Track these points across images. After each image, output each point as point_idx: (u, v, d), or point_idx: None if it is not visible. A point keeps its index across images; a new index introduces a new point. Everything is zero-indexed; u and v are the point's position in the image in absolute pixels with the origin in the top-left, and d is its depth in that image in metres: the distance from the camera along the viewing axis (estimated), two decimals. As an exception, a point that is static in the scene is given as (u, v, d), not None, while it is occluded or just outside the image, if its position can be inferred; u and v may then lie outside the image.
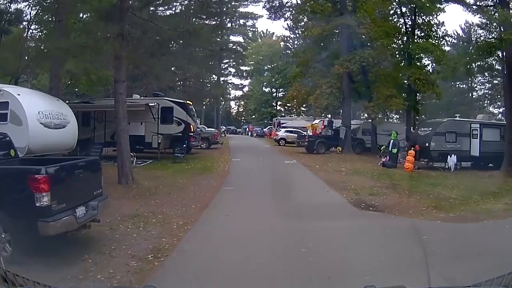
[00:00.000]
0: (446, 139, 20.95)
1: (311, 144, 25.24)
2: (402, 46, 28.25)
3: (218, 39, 39.79)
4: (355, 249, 6.34)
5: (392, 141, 20.20)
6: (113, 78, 13.29)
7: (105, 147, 21.13)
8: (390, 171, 17.87)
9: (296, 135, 31.33)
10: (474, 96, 57.42)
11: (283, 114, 61.27)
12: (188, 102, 21.90)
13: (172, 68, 28.07)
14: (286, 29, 60.90)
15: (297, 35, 53.81)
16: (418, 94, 29.01)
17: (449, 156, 19.97)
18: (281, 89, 63.69)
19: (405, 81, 28.43)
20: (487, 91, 54.52)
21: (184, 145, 19.99)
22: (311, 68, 28.14)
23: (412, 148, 20.40)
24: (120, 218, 8.04)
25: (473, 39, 32.62)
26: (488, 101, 54.43)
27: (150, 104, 20.58)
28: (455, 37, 42.13)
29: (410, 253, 5.96)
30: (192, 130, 21.02)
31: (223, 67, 73.54)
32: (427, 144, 20.60)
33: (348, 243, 6.68)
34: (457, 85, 56.90)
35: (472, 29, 39.64)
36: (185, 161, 19.47)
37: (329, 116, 51.77)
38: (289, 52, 62.03)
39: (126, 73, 13.37)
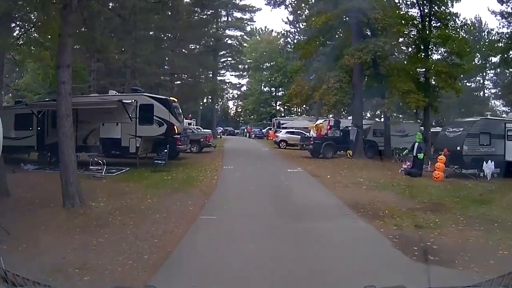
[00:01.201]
0: (479, 141, 17.52)
1: (317, 147, 21.78)
2: (418, 35, 24.70)
3: (212, 31, 36.39)
4: None
5: (417, 144, 16.69)
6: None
7: (77, 152, 17.60)
8: (417, 182, 14.50)
9: (299, 136, 27.85)
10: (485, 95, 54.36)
11: (282, 114, 58.02)
12: (172, 98, 18.41)
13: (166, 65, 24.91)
14: (286, 23, 57.52)
15: (298, 29, 50.63)
16: (436, 90, 25.47)
17: (484, 162, 16.51)
18: (280, 88, 60.43)
19: (421, 75, 25.09)
20: (494, 89, 51.90)
21: (166, 150, 16.50)
22: (315, 61, 24.72)
23: (440, 152, 16.96)
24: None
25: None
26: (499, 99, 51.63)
27: (125, 101, 17.10)
28: (473, 27, 38.31)
29: None
30: (176, 131, 17.53)
31: (220, 66, 70.78)
32: (458, 148, 17.14)
33: None
34: (466, 83, 53.46)
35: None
36: (167, 169, 16.13)
37: (331, 116, 48.56)
38: (289, 47, 58.97)
39: (72, 56, 9.91)
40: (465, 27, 26.87)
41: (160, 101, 17.54)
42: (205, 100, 55.48)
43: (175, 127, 17.31)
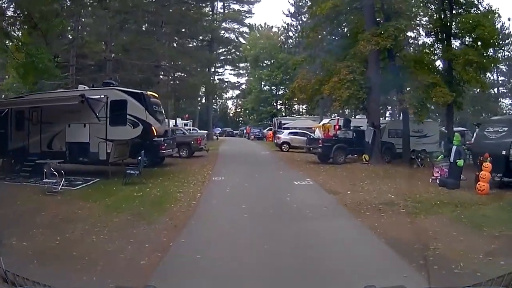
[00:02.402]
0: (526, 144, 14.18)
1: (326, 151, 18.44)
2: (440, 21, 21.31)
3: (207, 24, 33.03)
4: None
5: (455, 148, 13.27)
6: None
7: (42, 158, 14.40)
8: (460, 197, 11.18)
9: (305, 138, 24.52)
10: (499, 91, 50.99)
11: (283, 114, 54.70)
12: (150, 93, 15.10)
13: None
14: (287, 15, 54.14)
15: (300, 22, 47.43)
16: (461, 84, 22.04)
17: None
18: (281, 87, 57.11)
19: (442, 68, 21.82)
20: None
21: (140, 158, 13.20)
22: (322, 51, 21.38)
23: (482, 158, 13.61)
24: None
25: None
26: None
27: (90, 97, 13.82)
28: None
29: None
30: (154, 133, 14.22)
31: (219, 65, 67.55)
32: (503, 152, 13.80)
33: None
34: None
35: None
36: (143, 180, 12.88)
37: (335, 115, 45.04)
38: (291, 41, 55.71)
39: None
40: (490, 14, 23.43)
41: (135, 96, 14.22)
42: (203, 101, 52.42)
43: (153, 128, 14.00)
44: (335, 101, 17.57)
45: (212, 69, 64.52)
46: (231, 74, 69.85)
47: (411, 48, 23.63)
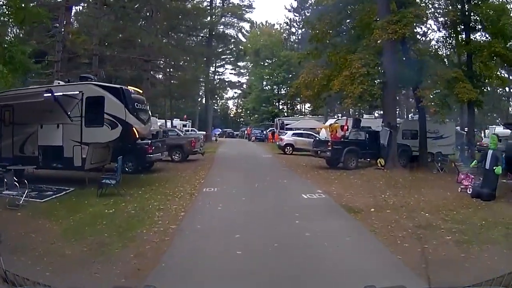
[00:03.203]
0: None
1: (336, 154, 16.29)
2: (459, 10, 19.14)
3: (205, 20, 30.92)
4: None
5: (490, 152, 11.09)
6: None
7: (15, 163, 12.38)
8: (506, 212, 9.03)
9: (310, 140, 22.38)
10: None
11: (285, 114, 52.56)
12: (132, 88, 12.94)
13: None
14: (289, 10, 51.93)
15: (303, 17, 45.35)
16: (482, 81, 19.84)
17: None
18: (283, 86, 54.96)
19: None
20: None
21: (118, 165, 11.09)
22: (329, 44, 19.22)
23: None
24: None
25: None
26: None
27: (62, 93, 11.74)
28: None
29: None
30: (136, 135, 12.09)
31: (219, 64, 65.45)
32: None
33: None
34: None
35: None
36: (122, 190, 10.84)
37: (338, 115, 42.82)
38: (294, 38, 53.63)
39: None
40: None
41: (113, 92, 12.07)
42: (203, 101, 50.42)
43: (134, 129, 11.85)
44: (347, 98, 15.39)
45: (212, 68, 63.04)
46: (232, 73, 68.01)
47: (425, 40, 21.60)
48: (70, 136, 12.35)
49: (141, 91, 13.24)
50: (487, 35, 19.05)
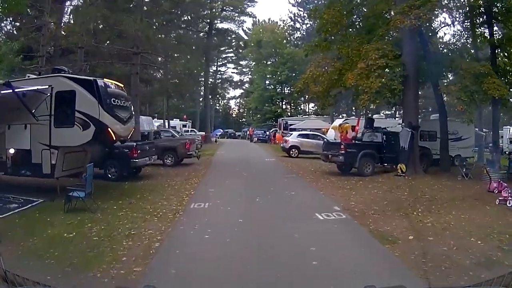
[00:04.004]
0: None
1: (350, 159, 14.17)
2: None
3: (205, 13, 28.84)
4: None
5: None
6: None
7: None
8: None
9: (318, 141, 20.37)
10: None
11: (289, 114, 50.47)
12: (109, 81, 10.87)
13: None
14: (293, 5, 49.74)
15: (308, 11, 43.23)
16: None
17: None
18: (286, 85, 52.89)
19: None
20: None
21: (85, 174, 9.03)
22: (340, 34, 17.09)
23: None
24: None
25: None
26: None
27: (22, 89, 9.71)
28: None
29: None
30: (112, 137, 10.02)
31: (221, 63, 63.45)
32: None
33: None
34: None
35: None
36: (94, 205, 8.84)
37: (343, 115, 40.63)
38: (298, 35, 51.48)
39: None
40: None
41: (85, 85, 10.01)
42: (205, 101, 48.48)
43: (109, 130, 9.79)
44: (363, 94, 13.26)
45: (214, 68, 61.04)
46: (234, 72, 66.21)
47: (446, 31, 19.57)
48: (38, 139, 10.35)
49: (121, 85, 11.16)
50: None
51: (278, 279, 4.52)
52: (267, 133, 39.73)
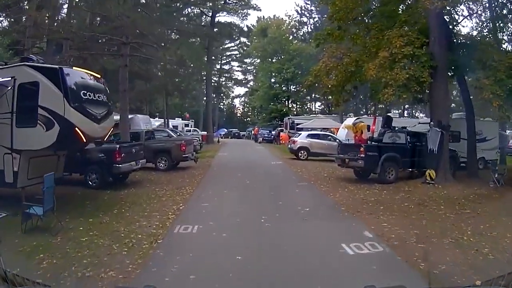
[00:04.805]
0: None
1: (371, 163, 12.14)
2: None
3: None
4: None
5: None
6: None
7: None
8: None
9: (331, 143, 18.39)
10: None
11: (295, 113, 48.40)
12: (82, 70, 8.97)
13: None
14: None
15: (316, 3, 41.16)
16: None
17: None
18: (292, 83, 50.81)
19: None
20: None
21: (46, 188, 7.13)
22: (354, 22, 15.06)
23: None
24: None
25: None
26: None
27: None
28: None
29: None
30: (82, 138, 8.09)
31: (225, 61, 61.55)
32: None
33: None
34: None
35: None
36: (59, 224, 6.97)
37: (350, 114, 38.33)
38: (305, 29, 49.33)
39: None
40: None
41: (49, 75, 8.10)
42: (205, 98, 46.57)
43: (77, 130, 7.87)
44: (387, 87, 11.25)
45: (218, 66, 59.08)
46: (238, 71, 64.42)
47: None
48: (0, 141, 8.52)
49: (98, 76, 9.22)
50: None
51: None
52: (273, 133, 37.78)
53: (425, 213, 8.23)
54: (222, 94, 68.56)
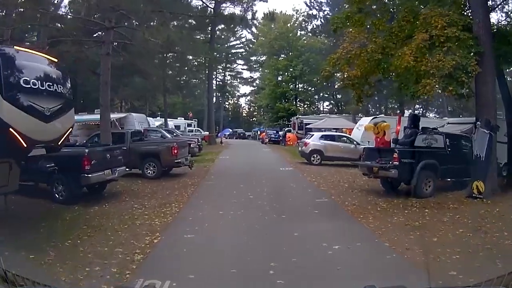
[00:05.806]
0: None
1: (406, 173, 9.77)
2: None
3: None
4: None
5: None
6: None
7: None
8: None
9: (349, 145, 16.13)
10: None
11: (303, 113, 46.05)
12: (28, 50, 6.74)
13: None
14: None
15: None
16: None
17: None
18: (300, 81, 48.50)
19: None
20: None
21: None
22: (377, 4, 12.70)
23: None
24: None
25: None
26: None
27: None
28: None
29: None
30: (20, 142, 5.85)
31: (232, 58, 59.32)
32: None
33: None
34: None
35: None
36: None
37: (359, 114, 35.64)
38: (314, 24, 46.85)
39: None
40: None
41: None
42: (214, 100, 44.29)
43: (11, 131, 5.65)
44: (429, 77, 8.92)
45: (223, 64, 56.86)
46: (244, 69, 62.45)
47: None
48: None
49: (51, 58, 6.96)
50: None
51: None
52: (280, 133, 35.49)
53: (491, 245, 5.87)
54: (227, 93, 66.47)
